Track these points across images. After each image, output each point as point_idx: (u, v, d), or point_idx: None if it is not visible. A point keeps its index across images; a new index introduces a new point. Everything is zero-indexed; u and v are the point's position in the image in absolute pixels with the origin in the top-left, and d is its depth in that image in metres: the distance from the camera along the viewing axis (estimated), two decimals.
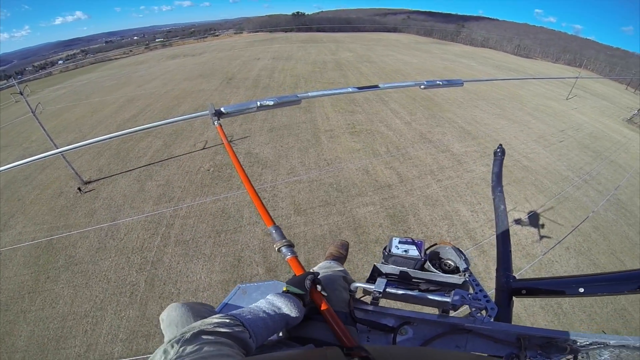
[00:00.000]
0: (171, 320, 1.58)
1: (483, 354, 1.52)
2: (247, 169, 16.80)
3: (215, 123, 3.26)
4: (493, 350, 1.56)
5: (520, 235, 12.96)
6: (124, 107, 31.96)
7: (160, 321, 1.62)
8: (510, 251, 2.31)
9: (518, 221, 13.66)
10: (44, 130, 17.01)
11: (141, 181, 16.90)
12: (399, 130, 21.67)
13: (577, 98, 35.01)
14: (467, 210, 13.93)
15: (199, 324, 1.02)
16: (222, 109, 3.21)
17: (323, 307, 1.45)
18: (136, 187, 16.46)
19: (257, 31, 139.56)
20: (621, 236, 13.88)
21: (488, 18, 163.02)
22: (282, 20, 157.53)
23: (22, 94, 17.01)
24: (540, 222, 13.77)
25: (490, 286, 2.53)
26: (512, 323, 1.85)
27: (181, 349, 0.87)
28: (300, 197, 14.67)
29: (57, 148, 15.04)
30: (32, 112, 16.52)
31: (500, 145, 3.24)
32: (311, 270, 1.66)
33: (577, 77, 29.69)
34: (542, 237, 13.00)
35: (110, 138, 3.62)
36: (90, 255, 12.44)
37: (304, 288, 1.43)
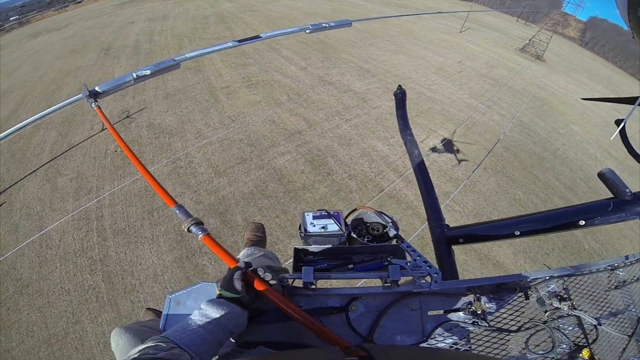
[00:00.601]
0: (120, 350, 1.62)
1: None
2: (154, 141, 16.32)
3: (93, 105, 3.12)
4: (448, 304, 1.65)
5: (440, 162, 13.90)
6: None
7: (113, 351, 1.66)
8: (437, 199, 2.44)
9: (434, 149, 14.62)
10: None
11: (50, 180, 15.44)
12: (296, 77, 21.80)
13: (470, 31, 37.32)
14: (383, 145, 14.58)
15: (134, 353, 1.01)
16: (97, 88, 3.07)
17: (277, 301, 1.40)
18: (48, 187, 15.03)
19: None
20: (529, 153, 15.66)
21: None
22: None
23: None
24: (455, 148, 14.88)
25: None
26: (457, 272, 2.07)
27: None
28: (215, 158, 14.44)
29: None
30: None
31: (400, 86, 3.47)
32: (238, 259, 1.58)
33: (468, 12, 31.75)
34: (460, 160, 14.12)
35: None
36: (36, 272, 11.31)
37: (234, 290, 1.34)
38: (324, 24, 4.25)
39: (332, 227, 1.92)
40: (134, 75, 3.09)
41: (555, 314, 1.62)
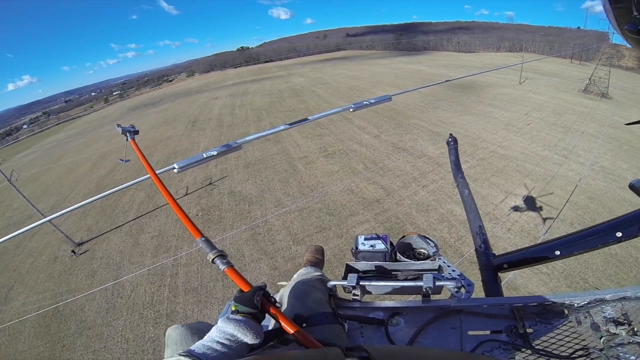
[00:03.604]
0: (171, 340, 1.63)
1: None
2: (234, 207, 16.53)
3: (128, 138, 3.72)
4: (490, 325, 1.54)
5: (522, 222, 12.81)
6: (98, 164, 31.68)
7: (166, 342, 1.68)
8: (484, 230, 2.37)
9: (515, 208, 13.56)
10: (24, 197, 16.80)
11: (134, 235, 16.44)
12: (371, 145, 21.62)
13: (529, 80, 36.17)
14: (460, 209, 13.59)
15: None
16: (175, 165, 3.27)
17: (283, 321, 1.36)
18: (130, 241, 15.98)
19: (209, 71, 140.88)
20: (618, 200, 13.97)
21: (423, 22, 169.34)
22: (230, 57, 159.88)
23: None
24: (536, 205, 13.74)
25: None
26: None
27: None
28: (294, 226, 14.35)
29: (42, 214, 15.01)
30: (8, 180, 16.39)
31: (451, 134, 3.44)
32: (261, 284, 1.52)
33: (522, 63, 30.56)
34: (544, 219, 12.89)
35: (94, 200, 3.76)
36: (102, 317, 11.83)
37: (254, 305, 1.35)
38: (365, 102, 4.33)
39: (379, 245, 1.99)
40: (204, 155, 3.37)
41: (613, 341, 1.37)
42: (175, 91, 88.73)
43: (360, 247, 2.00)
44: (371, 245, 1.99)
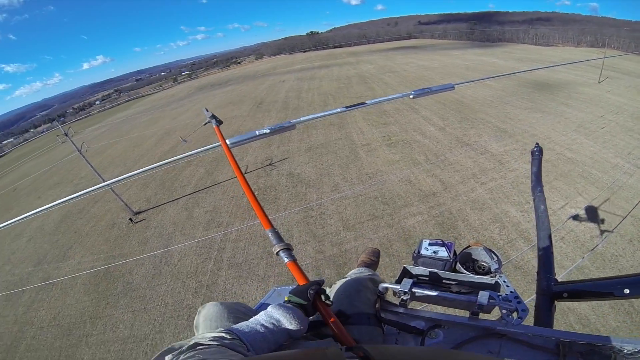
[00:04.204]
0: (207, 316, 1.65)
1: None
2: (290, 189, 17.12)
3: (214, 123, 3.81)
4: (529, 356, 1.44)
5: (578, 232, 12.21)
6: (163, 140, 33.52)
7: (197, 314, 1.71)
8: (552, 253, 2.23)
9: (575, 217, 12.90)
10: (91, 166, 18.01)
11: (189, 209, 17.36)
12: (435, 137, 21.38)
13: (609, 80, 33.54)
14: (516, 211, 13.43)
15: (195, 338, 1.04)
16: (227, 141, 3.41)
17: (328, 318, 1.41)
18: (184, 214, 16.90)
19: (277, 54, 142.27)
20: None
21: (499, 12, 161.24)
22: (298, 42, 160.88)
23: (67, 135, 18.09)
24: (597, 216, 12.98)
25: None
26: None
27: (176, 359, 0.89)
28: (347, 212, 14.59)
29: (103, 180, 15.89)
30: (78, 150, 17.60)
31: (537, 144, 3.23)
32: (319, 279, 1.60)
33: (600, 58, 28.46)
34: (602, 231, 12.13)
35: (153, 168, 4.01)
36: (147, 282, 12.81)
37: (306, 298, 1.41)
38: (426, 89, 4.24)
39: (442, 253, 1.92)
40: (257, 132, 3.44)
41: None
42: (243, 73, 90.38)
43: (423, 252, 1.95)
44: (434, 252, 1.93)
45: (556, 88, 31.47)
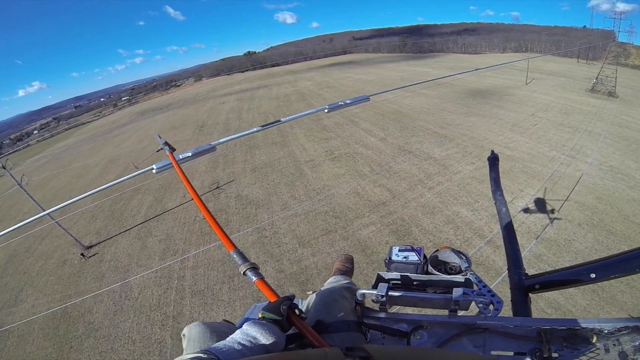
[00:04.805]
0: (191, 337, 1.64)
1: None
2: (241, 211, 16.51)
3: (167, 150, 3.84)
4: (514, 347, 1.52)
5: (529, 223, 12.60)
6: (108, 168, 32.17)
7: (182, 337, 1.71)
8: (519, 250, 2.35)
9: (524, 210, 13.38)
10: (34, 200, 16.87)
11: (142, 238, 16.56)
12: (377, 148, 21.52)
13: (535, 81, 35.76)
14: (467, 211, 13.63)
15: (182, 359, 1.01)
16: (154, 167, 3.50)
17: (304, 330, 1.40)
18: (138, 245, 16.09)
19: (216, 76, 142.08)
20: (627, 200, 13.69)
21: (429, 25, 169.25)
22: (237, 62, 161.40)
23: (5, 168, 17.20)
24: (543, 206, 13.55)
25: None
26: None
27: None
28: (300, 229, 14.29)
29: (51, 218, 15.20)
30: (18, 184, 16.60)
31: (492, 151, 3.44)
32: (290, 295, 1.57)
33: (527, 59, 30.38)
34: (552, 219, 12.67)
35: (97, 192, 4.14)
36: (109, 319, 11.86)
37: (280, 314, 1.39)
38: (340, 103, 4.38)
39: (413, 257, 2.01)
40: (180, 156, 3.51)
41: None
42: (183, 96, 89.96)
43: (394, 258, 2.05)
44: (404, 257, 2.03)
45: (488, 93, 33.02)
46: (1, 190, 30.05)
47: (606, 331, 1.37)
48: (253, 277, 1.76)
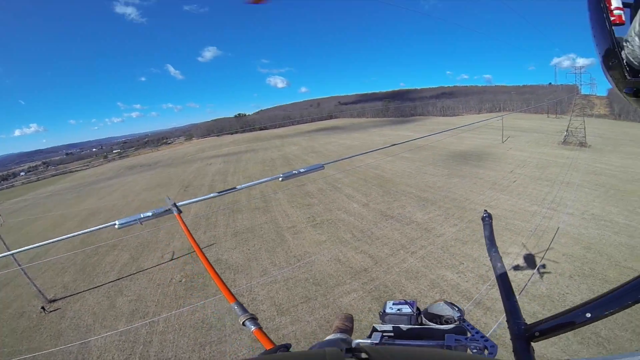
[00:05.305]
0: None
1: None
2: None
3: (174, 212, 3.82)
4: None
5: (518, 281, 12.36)
6: (87, 220, 31.77)
7: None
8: (516, 301, 1.98)
9: (514, 268, 13.14)
10: (3, 241, 16.22)
11: (111, 297, 15.77)
12: (359, 214, 21.38)
13: (511, 138, 36.96)
14: (452, 273, 13.27)
15: None
16: (116, 222, 3.52)
17: None
18: (106, 303, 15.29)
19: (206, 136, 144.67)
20: (615, 245, 13.66)
21: (410, 89, 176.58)
22: (227, 124, 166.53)
23: None
24: (532, 261, 13.36)
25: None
26: None
27: None
28: (280, 296, 13.75)
29: (18, 263, 14.85)
30: None
31: (486, 210, 2.86)
32: (286, 343, 1.51)
33: (501, 117, 31.54)
34: (542, 274, 12.50)
35: (68, 238, 4.12)
36: None
37: None
38: (294, 172, 4.41)
39: (406, 309, 1.99)
40: (142, 215, 3.56)
41: None
42: (172, 155, 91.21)
43: (388, 310, 2.02)
44: (398, 309, 2.00)
45: (468, 153, 33.78)
46: None
47: None
48: (252, 327, 1.70)
